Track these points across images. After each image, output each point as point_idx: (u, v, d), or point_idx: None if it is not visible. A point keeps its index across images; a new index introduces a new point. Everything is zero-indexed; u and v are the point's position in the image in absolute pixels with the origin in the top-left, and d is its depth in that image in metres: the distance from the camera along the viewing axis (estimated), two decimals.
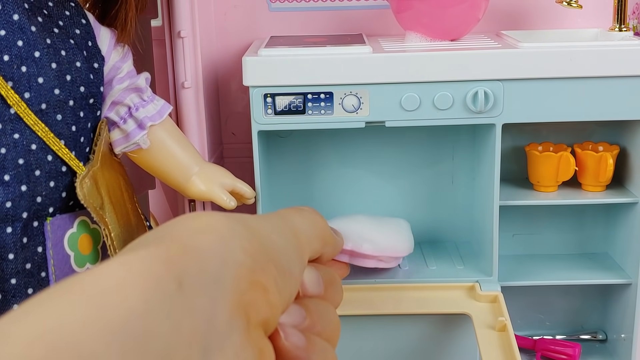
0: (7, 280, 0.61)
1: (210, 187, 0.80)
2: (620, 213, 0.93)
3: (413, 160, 0.98)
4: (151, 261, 0.22)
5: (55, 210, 0.65)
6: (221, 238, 0.25)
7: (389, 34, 1.01)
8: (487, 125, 0.86)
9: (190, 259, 0.24)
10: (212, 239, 0.25)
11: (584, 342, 0.97)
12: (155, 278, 0.22)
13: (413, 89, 0.82)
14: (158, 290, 0.21)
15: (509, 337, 0.76)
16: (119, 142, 0.73)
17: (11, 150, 0.60)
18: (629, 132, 0.91)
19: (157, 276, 0.22)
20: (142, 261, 0.22)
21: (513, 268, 0.95)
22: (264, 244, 0.27)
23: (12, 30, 0.60)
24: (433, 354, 0.90)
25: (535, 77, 0.82)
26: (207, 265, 0.24)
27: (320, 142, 0.97)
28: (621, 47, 0.82)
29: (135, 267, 0.22)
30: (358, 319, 0.87)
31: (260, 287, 0.25)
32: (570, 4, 0.92)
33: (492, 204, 0.86)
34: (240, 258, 0.25)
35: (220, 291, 0.24)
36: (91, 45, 0.68)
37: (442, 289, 0.87)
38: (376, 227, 0.88)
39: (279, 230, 0.29)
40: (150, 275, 0.22)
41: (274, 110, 0.83)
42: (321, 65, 0.82)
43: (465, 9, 0.88)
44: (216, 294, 0.23)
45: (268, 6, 1.02)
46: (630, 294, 0.90)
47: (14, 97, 0.60)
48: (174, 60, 0.87)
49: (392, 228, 0.89)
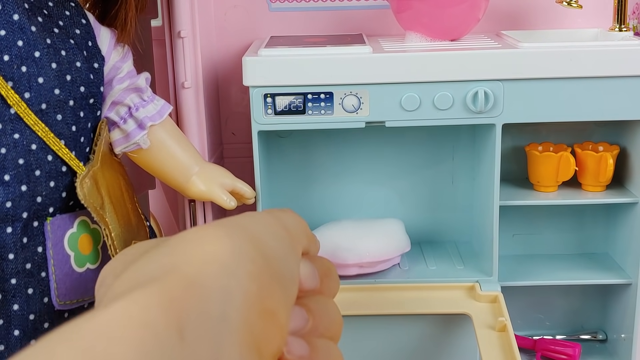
0: (7, 280, 0.61)
1: (210, 187, 0.80)
2: (620, 213, 0.93)
3: (413, 160, 0.98)
4: (152, 308, 0.22)
5: (55, 210, 0.65)
6: (226, 268, 0.24)
7: (389, 34, 1.01)
8: (487, 125, 0.86)
9: (193, 300, 0.23)
10: (216, 270, 0.24)
11: (584, 342, 0.97)
12: (155, 330, 0.21)
13: (413, 89, 0.82)
14: (158, 343, 0.21)
15: (509, 337, 0.76)
16: (119, 142, 0.73)
17: (11, 150, 0.60)
18: (629, 132, 0.91)
19: (157, 327, 0.21)
20: (143, 309, 0.22)
21: (513, 268, 0.95)
22: (267, 258, 0.26)
23: (12, 30, 0.60)
24: (433, 354, 0.90)
25: (535, 77, 0.82)
26: (212, 306, 0.23)
27: (320, 142, 0.97)
28: (621, 47, 0.82)
29: (135, 315, 0.21)
30: (358, 319, 0.87)
31: (270, 315, 0.25)
32: (570, 4, 0.92)
33: (492, 204, 0.86)
34: (246, 286, 0.24)
35: (227, 332, 0.23)
36: (91, 45, 0.68)
37: (442, 289, 0.87)
38: (357, 234, 0.88)
39: (274, 230, 0.28)
40: (151, 326, 0.21)
41: (274, 110, 0.83)
42: (321, 65, 0.82)
43: (465, 9, 0.88)
44: (222, 337, 0.23)
45: (268, 6, 1.02)
46: (630, 294, 0.90)
47: (14, 97, 0.60)
48: (174, 60, 0.87)
49: (377, 232, 0.89)
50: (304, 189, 0.99)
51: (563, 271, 0.94)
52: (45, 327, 0.64)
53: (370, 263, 0.87)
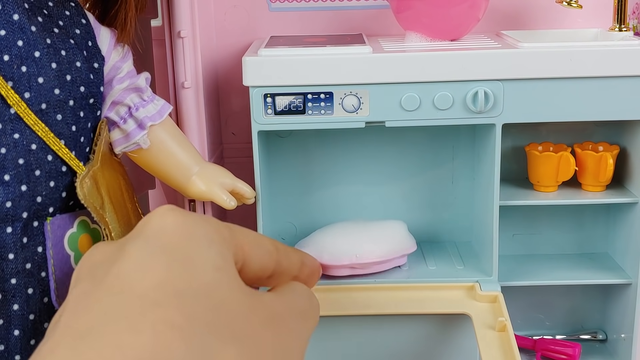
0: (7, 280, 0.61)
1: (210, 187, 0.80)
2: (620, 213, 0.93)
3: (413, 160, 0.98)
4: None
5: (55, 210, 0.65)
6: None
7: (389, 34, 1.01)
8: (487, 125, 0.86)
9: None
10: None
11: (584, 342, 0.97)
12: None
13: (413, 89, 0.82)
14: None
15: (509, 337, 0.76)
16: (119, 142, 0.73)
17: (11, 150, 0.60)
18: (629, 132, 0.91)
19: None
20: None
21: (513, 268, 0.95)
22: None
23: (12, 30, 0.60)
24: (433, 354, 0.90)
25: (535, 77, 0.82)
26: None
27: (320, 142, 0.97)
28: (621, 47, 0.82)
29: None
30: (358, 319, 0.87)
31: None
32: (570, 4, 0.92)
33: (492, 204, 0.86)
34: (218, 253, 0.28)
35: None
36: (91, 45, 0.68)
37: (442, 289, 0.87)
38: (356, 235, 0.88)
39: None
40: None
41: (274, 110, 0.83)
42: (321, 65, 0.82)
43: (465, 9, 0.88)
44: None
45: (268, 6, 1.02)
46: (630, 294, 0.90)
47: (14, 97, 0.60)
48: (174, 60, 0.87)
49: (374, 233, 0.89)
50: (304, 188, 0.99)
51: (563, 271, 0.94)
52: (45, 327, 0.64)
53: (363, 264, 0.87)
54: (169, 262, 0.27)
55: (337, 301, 0.85)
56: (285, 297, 0.31)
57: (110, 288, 0.26)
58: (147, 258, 0.27)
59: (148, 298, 0.26)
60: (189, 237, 0.29)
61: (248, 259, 0.31)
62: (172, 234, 0.29)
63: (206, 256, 0.28)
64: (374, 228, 0.90)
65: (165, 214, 0.30)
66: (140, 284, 0.26)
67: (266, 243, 0.32)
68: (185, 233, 0.29)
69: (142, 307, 0.25)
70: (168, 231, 0.29)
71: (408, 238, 0.91)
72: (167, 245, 0.28)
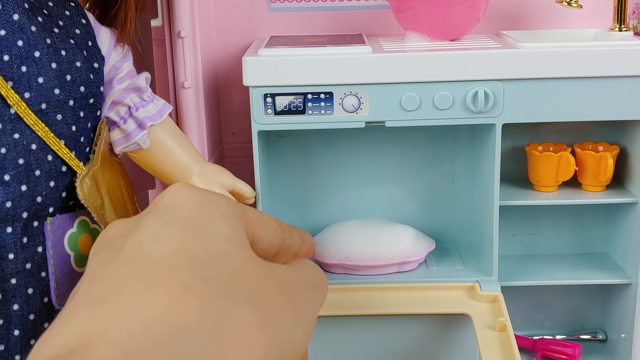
0: (7, 280, 0.61)
1: (210, 187, 0.79)
2: (620, 213, 0.93)
3: (413, 160, 0.98)
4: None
5: (55, 210, 0.65)
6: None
7: (389, 34, 1.01)
8: (487, 125, 0.86)
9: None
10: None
11: (584, 342, 0.97)
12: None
13: (413, 89, 0.82)
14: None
15: (509, 337, 0.76)
16: (119, 142, 0.73)
17: (11, 150, 0.60)
18: (629, 132, 0.91)
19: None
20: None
21: (513, 268, 0.95)
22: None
23: (12, 30, 0.60)
24: (433, 354, 0.90)
25: (535, 77, 0.82)
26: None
27: (320, 142, 0.97)
28: (621, 47, 0.82)
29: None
30: (358, 319, 0.87)
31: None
32: (570, 4, 0.92)
33: (492, 204, 0.86)
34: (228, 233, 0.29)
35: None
36: (91, 45, 0.68)
37: (442, 289, 0.87)
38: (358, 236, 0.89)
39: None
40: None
41: (274, 110, 0.82)
42: (321, 65, 0.82)
43: (465, 9, 0.88)
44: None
45: (268, 6, 1.02)
46: (630, 294, 0.90)
47: (14, 97, 0.60)
48: (174, 60, 0.87)
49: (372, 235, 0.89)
50: (304, 188, 0.99)
51: (563, 271, 0.94)
52: (45, 327, 0.64)
53: (359, 266, 0.88)
54: (183, 232, 0.28)
55: (337, 301, 0.85)
56: (296, 269, 0.32)
57: (127, 257, 0.28)
58: (162, 229, 0.28)
59: (164, 263, 0.27)
60: (202, 210, 0.30)
61: (257, 236, 0.32)
62: (186, 207, 0.30)
63: (219, 228, 0.29)
64: (379, 230, 0.90)
65: (179, 189, 0.31)
66: (156, 252, 0.27)
67: (272, 222, 0.34)
68: (199, 207, 0.30)
69: (158, 271, 0.26)
70: (182, 205, 0.30)
71: (414, 246, 0.90)
72: (181, 218, 0.29)
